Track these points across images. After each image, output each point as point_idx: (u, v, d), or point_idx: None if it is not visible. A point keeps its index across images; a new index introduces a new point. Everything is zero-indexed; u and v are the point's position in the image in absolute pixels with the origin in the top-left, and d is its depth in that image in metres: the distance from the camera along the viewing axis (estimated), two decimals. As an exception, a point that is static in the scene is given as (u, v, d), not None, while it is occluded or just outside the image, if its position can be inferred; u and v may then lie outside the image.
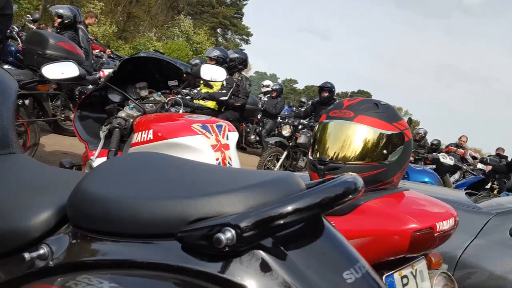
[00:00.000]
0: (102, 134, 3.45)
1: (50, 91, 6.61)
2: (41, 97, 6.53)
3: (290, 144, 9.74)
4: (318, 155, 2.53)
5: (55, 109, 7.43)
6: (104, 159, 3.29)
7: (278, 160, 9.62)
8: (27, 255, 1.05)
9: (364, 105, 2.49)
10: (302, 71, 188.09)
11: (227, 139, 3.11)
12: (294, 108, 19.70)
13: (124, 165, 1.22)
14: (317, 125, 2.63)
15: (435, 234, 2.14)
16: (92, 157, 3.39)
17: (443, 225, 2.17)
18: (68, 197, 1.11)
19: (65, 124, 8.50)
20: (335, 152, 2.46)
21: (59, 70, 3.37)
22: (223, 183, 1.04)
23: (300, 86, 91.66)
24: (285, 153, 9.61)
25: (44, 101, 6.60)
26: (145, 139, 3.03)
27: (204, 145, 2.98)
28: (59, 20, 8.01)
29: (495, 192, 8.80)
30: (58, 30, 8.04)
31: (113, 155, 3.25)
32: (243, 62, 8.58)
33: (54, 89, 6.70)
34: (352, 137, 2.43)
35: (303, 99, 23.18)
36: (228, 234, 0.84)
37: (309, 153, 2.65)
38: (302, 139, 9.62)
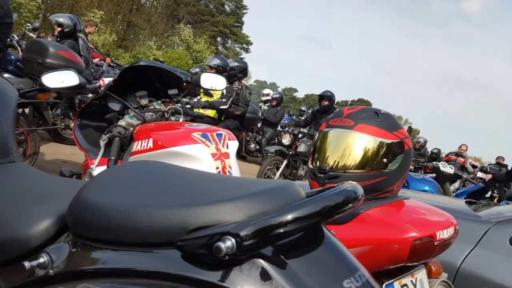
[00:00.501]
0: (102, 143, 3.45)
1: (50, 100, 6.60)
2: (41, 106, 6.51)
3: (290, 152, 9.72)
4: (318, 164, 2.53)
5: (55, 118, 7.42)
6: (104, 167, 3.29)
7: (278, 168, 9.61)
8: (27, 264, 1.05)
9: (364, 113, 2.49)
10: (302, 80, 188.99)
11: (227, 147, 3.11)
12: (294, 117, 19.67)
13: (124, 174, 1.22)
14: (317, 134, 2.63)
15: (435, 243, 2.13)
16: (92, 166, 3.39)
17: (443, 234, 2.17)
18: (68, 206, 1.11)
19: (65, 132, 8.50)
20: (335, 161, 2.46)
21: (59, 79, 3.37)
22: (223, 192, 1.04)
23: (300, 94, 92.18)
24: (285, 162, 9.59)
25: (44, 109, 6.58)
26: (145, 148, 3.03)
27: (204, 153, 2.98)
28: (59, 29, 8.03)
29: (495, 200, 8.75)
30: (58, 39, 8.05)
31: (113, 163, 3.25)
32: (243, 71, 8.58)
33: (54, 98, 6.70)
34: (352, 145, 2.43)
35: (303, 108, 23.23)
36: (228, 243, 0.84)
37: (309, 162, 2.65)
38: (302, 147, 9.59)
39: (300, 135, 9.88)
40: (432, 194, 6.79)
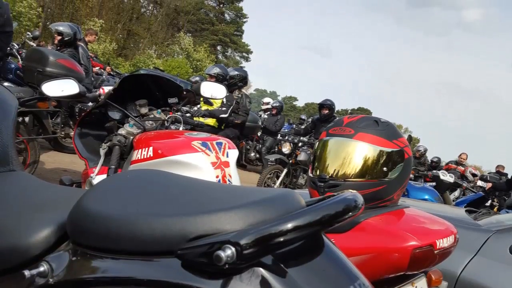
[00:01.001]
0: (102, 152, 3.44)
1: (50, 109, 6.61)
2: (41, 115, 6.52)
3: (290, 161, 9.71)
4: (318, 173, 2.53)
5: (55, 127, 7.43)
6: (104, 176, 3.29)
7: (278, 177, 9.59)
8: (27, 273, 1.05)
9: (364, 122, 2.49)
10: (302, 89, 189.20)
11: (227, 156, 3.11)
12: (294, 126, 19.70)
13: (124, 183, 1.22)
14: (317, 143, 2.63)
15: (435, 252, 2.13)
16: (92, 175, 3.38)
17: (443, 243, 2.17)
18: (68, 215, 1.10)
19: (65, 141, 8.50)
20: (335, 170, 2.46)
21: (59, 88, 3.37)
22: (223, 200, 1.03)
23: (300, 103, 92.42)
24: (285, 171, 9.58)
25: (44, 118, 6.59)
26: (145, 157, 3.03)
27: (204, 162, 2.97)
28: (59, 38, 8.04)
29: (495, 209, 8.74)
30: (58, 48, 8.06)
31: (113, 172, 3.24)
32: (243, 80, 8.58)
33: (54, 107, 6.71)
34: (352, 154, 2.43)
35: (303, 117, 23.20)
36: (228, 252, 0.84)
37: (309, 171, 2.65)
38: (302, 156, 9.57)
39: (300, 144, 9.87)
40: (432, 203, 6.79)
